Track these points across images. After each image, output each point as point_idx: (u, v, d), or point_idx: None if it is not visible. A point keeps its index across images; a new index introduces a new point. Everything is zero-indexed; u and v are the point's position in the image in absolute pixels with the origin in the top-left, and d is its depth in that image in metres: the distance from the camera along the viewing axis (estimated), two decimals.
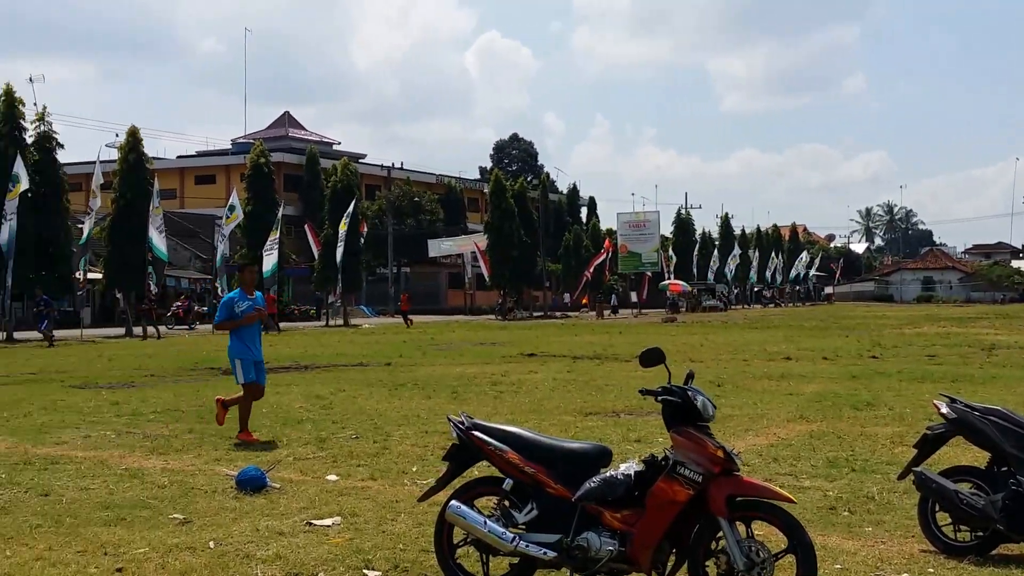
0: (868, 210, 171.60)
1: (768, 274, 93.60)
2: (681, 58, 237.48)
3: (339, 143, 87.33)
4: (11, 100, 36.75)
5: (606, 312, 63.21)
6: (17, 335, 35.25)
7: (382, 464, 9.18)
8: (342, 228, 47.90)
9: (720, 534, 4.96)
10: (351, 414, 12.73)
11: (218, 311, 11.18)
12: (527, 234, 62.75)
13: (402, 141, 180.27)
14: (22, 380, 18.61)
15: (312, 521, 6.94)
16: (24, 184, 33.33)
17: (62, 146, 38.76)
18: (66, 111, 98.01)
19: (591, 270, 67.57)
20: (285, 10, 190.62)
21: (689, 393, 5.09)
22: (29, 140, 37.29)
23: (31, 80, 56.36)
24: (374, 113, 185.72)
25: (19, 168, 33.66)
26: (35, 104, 39.54)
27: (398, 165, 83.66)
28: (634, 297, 72.25)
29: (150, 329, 37.81)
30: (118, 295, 44.48)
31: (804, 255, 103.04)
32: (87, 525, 6.89)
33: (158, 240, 38.84)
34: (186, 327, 43.33)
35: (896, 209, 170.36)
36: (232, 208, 44.66)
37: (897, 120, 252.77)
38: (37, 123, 37.90)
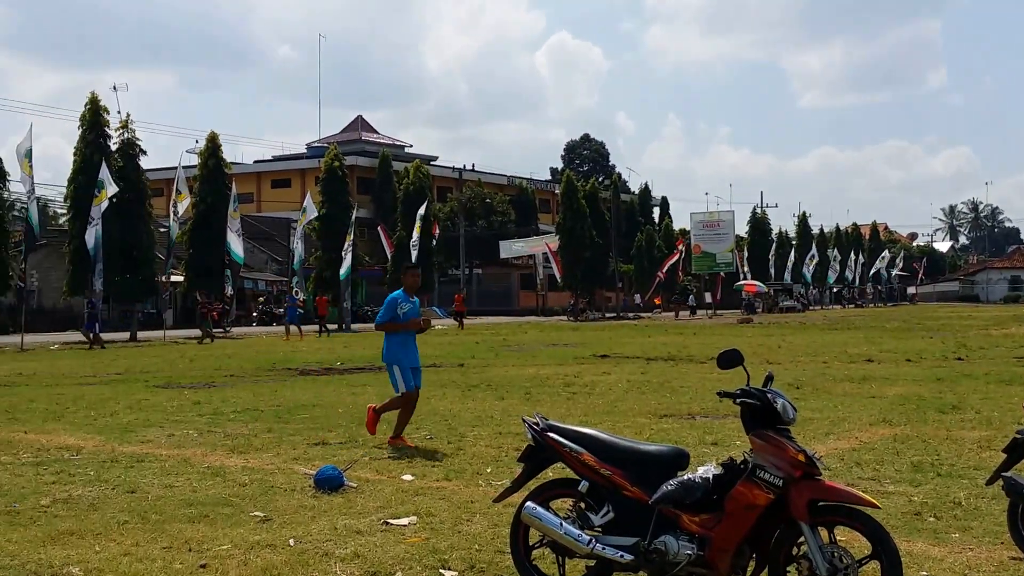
0: (952, 208, 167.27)
1: (848, 274, 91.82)
2: (755, 55, 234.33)
3: (411, 146, 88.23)
4: (96, 108, 37.83)
5: (684, 313, 62.69)
6: (103, 336, 36.21)
7: (457, 465, 9.22)
8: (416, 232, 48.28)
9: (801, 539, 4.86)
10: (425, 415, 12.81)
11: (382, 311, 10.54)
12: (599, 235, 62.56)
13: (473, 143, 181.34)
14: (108, 380, 19.13)
15: (389, 520, 7.00)
16: (111, 190, 34.26)
17: (145, 152, 39.85)
18: (147, 118, 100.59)
19: (664, 271, 67.08)
20: (357, 16, 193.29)
21: (769, 395, 5.00)
22: (113, 147, 38.35)
23: (115, 89, 58.00)
24: (445, 115, 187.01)
25: (104, 174, 34.63)
26: (119, 112, 40.68)
27: (469, 167, 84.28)
28: (708, 298, 71.54)
29: (216, 331, 38.48)
30: (198, 297, 45.52)
31: (885, 254, 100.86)
32: (172, 521, 7.05)
33: (235, 243, 39.68)
34: (221, 331, 41.44)
35: (981, 206, 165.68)
36: (304, 210, 45.41)
37: (981, 115, 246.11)
38: (121, 130, 38.98)
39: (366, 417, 10.53)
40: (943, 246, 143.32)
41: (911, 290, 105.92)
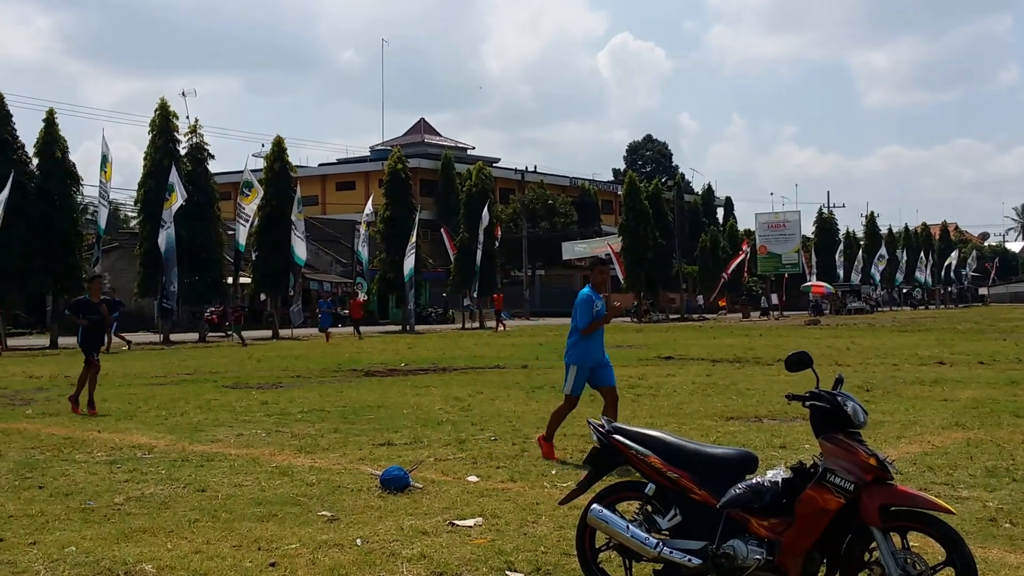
0: None
1: (919, 275, 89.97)
2: (820, 53, 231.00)
3: (473, 148, 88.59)
4: (166, 114, 38.64)
5: (754, 314, 61.94)
6: (173, 337, 36.98)
7: (521, 466, 9.22)
8: (480, 232, 48.47)
9: (873, 545, 4.77)
10: (489, 416, 12.84)
11: (579, 313, 9.74)
12: (662, 236, 62.16)
13: (535, 144, 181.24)
14: (178, 380, 19.51)
15: (454, 521, 7.02)
16: (181, 195, 34.96)
17: (213, 157, 40.60)
18: (214, 123, 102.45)
19: (729, 271, 66.41)
20: (420, 20, 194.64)
21: (839, 398, 4.91)
22: (182, 151, 39.12)
23: (183, 95, 59.08)
24: (507, 117, 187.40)
25: (174, 179, 35.37)
26: (187, 117, 41.60)
27: (531, 168, 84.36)
28: (774, 299, 70.67)
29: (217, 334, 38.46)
30: (261, 298, 46.27)
31: (955, 255, 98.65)
32: (241, 520, 7.15)
33: (298, 246, 40.20)
34: (222, 335, 40.57)
35: None
36: (367, 214, 46.10)
37: None
38: (190, 135, 39.75)
39: (540, 449, 9.73)
40: (1015, 246, 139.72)
41: (983, 291, 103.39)
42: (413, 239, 44.88)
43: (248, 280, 45.14)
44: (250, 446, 10.63)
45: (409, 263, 44.81)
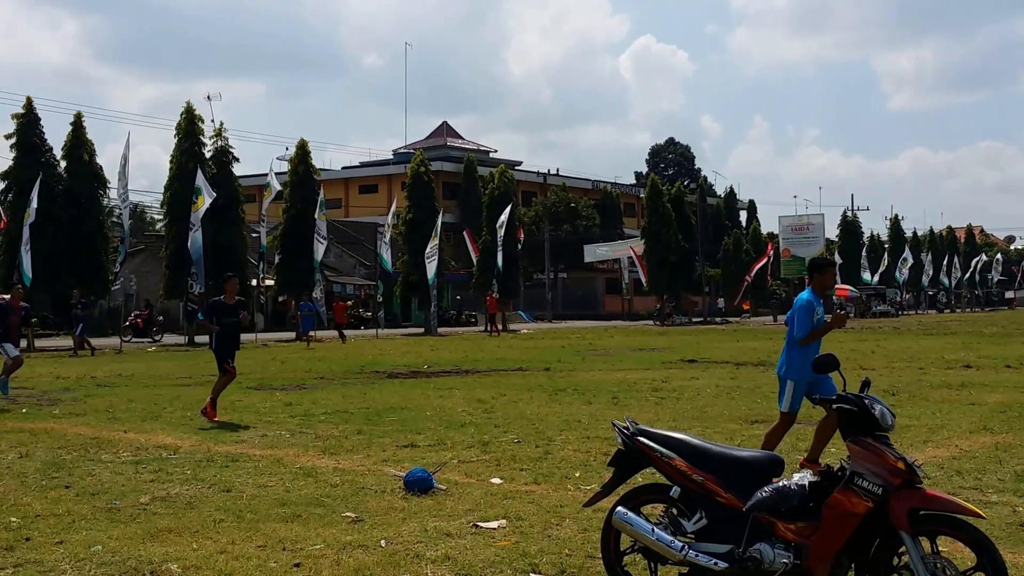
0: None
1: (944, 279, 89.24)
2: (844, 56, 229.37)
3: (495, 151, 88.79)
4: (192, 117, 38.89)
5: (782, 317, 61.60)
6: (197, 339, 37.18)
7: (545, 468, 9.20)
8: (500, 234, 48.44)
9: (902, 549, 4.72)
10: (512, 418, 12.83)
11: (798, 320, 8.68)
12: (685, 239, 61.97)
13: (558, 147, 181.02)
14: (203, 382, 19.60)
15: (478, 523, 7.01)
16: (208, 196, 35.20)
17: (238, 160, 40.83)
18: (238, 126, 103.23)
19: (752, 274, 66.14)
20: (442, 24, 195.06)
21: (866, 401, 4.88)
22: (208, 155, 39.37)
23: (208, 98, 59.64)
24: (529, 120, 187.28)
25: (200, 182, 35.59)
26: (212, 120, 41.91)
27: (554, 171, 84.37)
28: None
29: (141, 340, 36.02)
30: (281, 299, 46.46)
31: (981, 258, 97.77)
32: (266, 521, 7.17)
33: (317, 249, 40.30)
34: (148, 340, 38.10)
35: None
36: (392, 215, 46.23)
37: None
38: (215, 138, 39.99)
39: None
40: None
41: (1009, 294, 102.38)
42: (436, 242, 44.95)
43: (271, 282, 45.35)
44: (274, 447, 10.67)
45: (432, 266, 44.88)
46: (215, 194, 35.35)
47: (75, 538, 6.69)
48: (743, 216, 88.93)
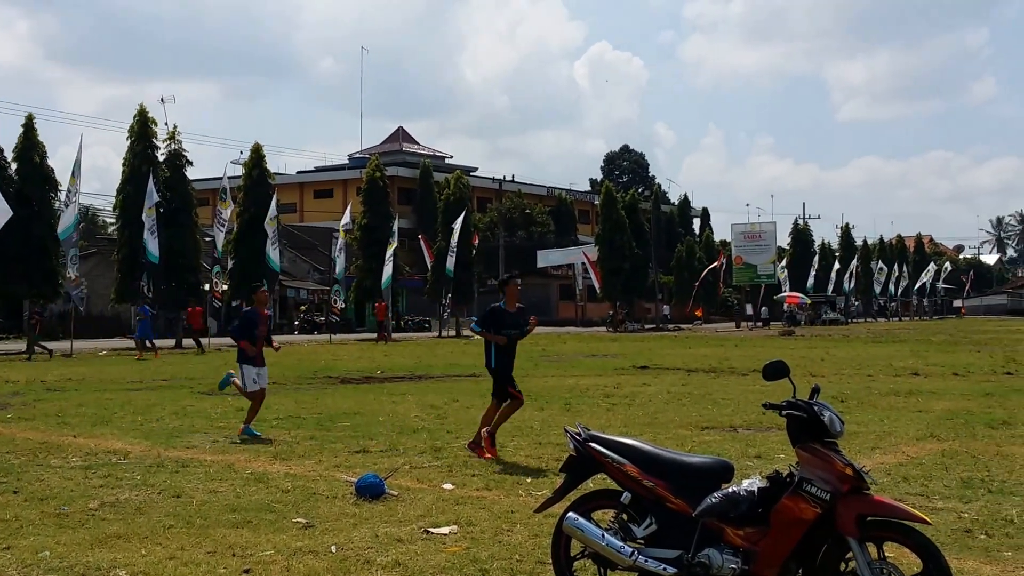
0: (999, 220, 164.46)
1: (891, 287, 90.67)
2: (797, 65, 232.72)
3: (451, 156, 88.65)
4: (145, 120, 38.45)
5: (746, 324, 62.28)
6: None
7: (497, 474, 9.21)
8: (453, 239, 48.29)
9: (850, 555, 4.78)
10: (465, 424, 12.81)
11: None
12: (638, 246, 62.38)
13: (513, 154, 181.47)
14: (154, 386, 19.37)
15: (429, 529, 7.00)
16: (151, 200, 34.79)
17: (191, 163, 40.39)
18: (193, 129, 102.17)
19: (701, 281, 66.77)
20: (399, 29, 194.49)
21: (815, 408, 4.93)
22: (161, 158, 38.91)
23: (162, 101, 59.02)
24: (485, 126, 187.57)
25: (151, 185, 35.20)
26: (166, 123, 41.35)
27: (509, 178, 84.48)
28: (749, 309, 71.03)
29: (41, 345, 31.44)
30: (234, 304, 45.77)
31: (931, 267, 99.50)
32: (216, 526, 7.11)
33: (272, 252, 39.97)
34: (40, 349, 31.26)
35: None
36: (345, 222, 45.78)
37: None
38: (168, 141, 39.54)
39: None
40: (990, 259, 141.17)
41: (958, 303, 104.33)
42: (392, 247, 44.76)
43: (225, 287, 44.87)
44: (225, 452, 10.57)
45: (387, 271, 44.70)
46: (157, 197, 34.94)
47: (23, 543, 6.59)
48: (696, 224, 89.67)
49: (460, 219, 48.66)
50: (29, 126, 35.40)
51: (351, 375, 22.11)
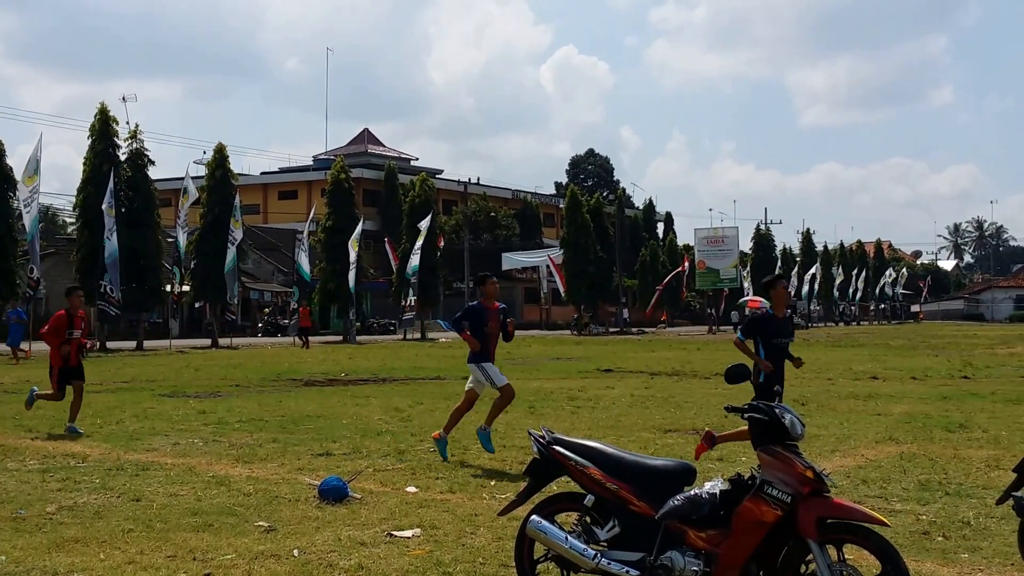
0: (956, 226, 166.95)
1: (850, 291, 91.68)
2: (759, 71, 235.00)
3: (417, 159, 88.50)
4: (106, 119, 37.91)
5: (726, 328, 62.59)
6: (110, 344, 36.28)
7: (460, 477, 9.20)
8: (419, 241, 48.13)
9: (810, 557, 4.83)
10: (429, 427, 12.76)
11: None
12: (603, 249, 62.59)
13: (479, 156, 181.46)
14: (115, 388, 19.15)
15: (393, 532, 6.98)
16: (107, 203, 34.48)
17: (153, 163, 39.92)
18: (155, 129, 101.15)
19: (663, 285, 67.16)
20: (365, 30, 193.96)
21: (776, 410, 4.99)
22: (122, 157, 38.43)
23: (124, 99, 58.41)
24: (451, 129, 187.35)
25: (111, 184, 34.80)
26: (127, 122, 40.84)
27: (475, 180, 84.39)
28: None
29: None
30: (197, 305, 45.40)
31: (889, 272, 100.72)
32: (176, 530, 7.03)
33: (229, 253, 39.65)
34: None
35: (986, 225, 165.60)
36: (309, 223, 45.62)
37: (987, 133, 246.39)
38: (130, 141, 39.06)
39: None
40: (948, 264, 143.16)
41: (915, 308, 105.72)
42: (355, 249, 44.53)
43: (187, 288, 44.45)
44: (187, 455, 10.47)
45: (351, 274, 44.47)
46: (112, 203, 34.56)
47: None
48: (660, 228, 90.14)
49: (427, 220, 48.56)
50: None
51: (315, 377, 21.99)
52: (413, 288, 47.62)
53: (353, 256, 44.18)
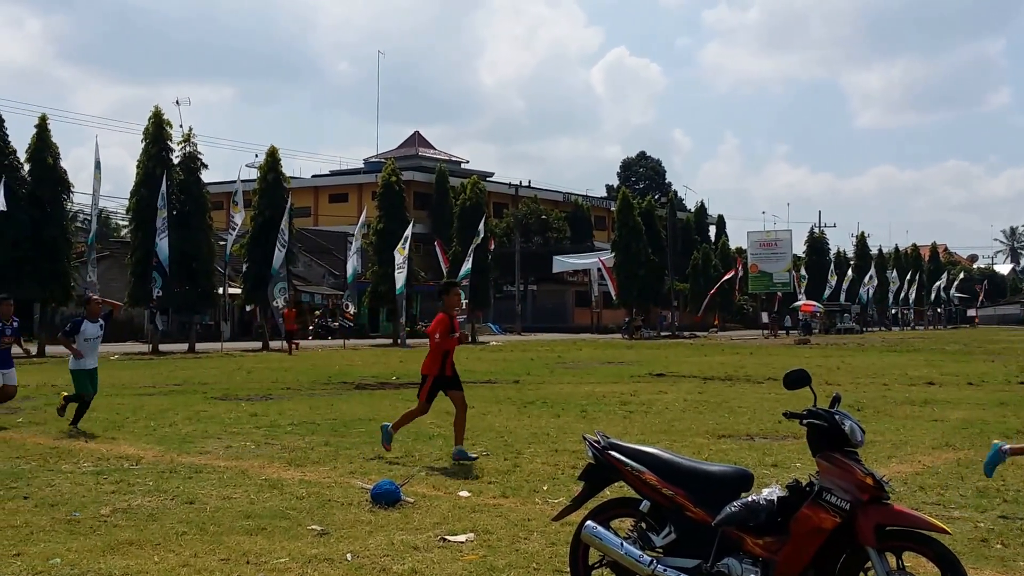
0: (1013, 229, 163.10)
1: (901, 295, 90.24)
2: (813, 73, 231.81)
3: (467, 161, 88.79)
4: (160, 122, 38.56)
5: (781, 333, 62.05)
6: (162, 347, 36.83)
7: (513, 482, 9.16)
8: (473, 245, 48.24)
9: (868, 564, 4.75)
10: (481, 431, 12.78)
11: None
12: (654, 253, 62.27)
13: (529, 159, 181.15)
14: (167, 391, 19.40)
15: (446, 537, 6.96)
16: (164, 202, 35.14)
17: (206, 166, 40.51)
18: (207, 132, 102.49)
19: (716, 290, 66.63)
20: (415, 33, 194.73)
21: (836, 417, 4.90)
22: (175, 160, 39.04)
23: (177, 103, 59.28)
24: (501, 131, 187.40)
25: (164, 187, 35.41)
26: (181, 126, 41.44)
27: (525, 183, 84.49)
28: (765, 318, 70.78)
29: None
30: (247, 308, 45.90)
31: (945, 276, 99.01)
32: (230, 533, 7.08)
33: (276, 255, 39.94)
34: None
35: None
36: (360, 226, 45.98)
37: None
38: (183, 144, 39.67)
39: None
40: (1004, 268, 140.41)
41: (971, 312, 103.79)
42: (403, 252, 44.77)
43: (238, 291, 45.01)
44: (239, 458, 10.55)
45: (401, 277, 44.72)
46: (163, 205, 35.19)
47: (33, 550, 6.57)
48: (712, 231, 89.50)
49: (482, 224, 48.68)
50: (43, 127, 35.55)
51: (366, 380, 22.10)
52: (464, 291, 47.71)
53: (400, 259, 44.38)
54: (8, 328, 14.00)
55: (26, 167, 35.14)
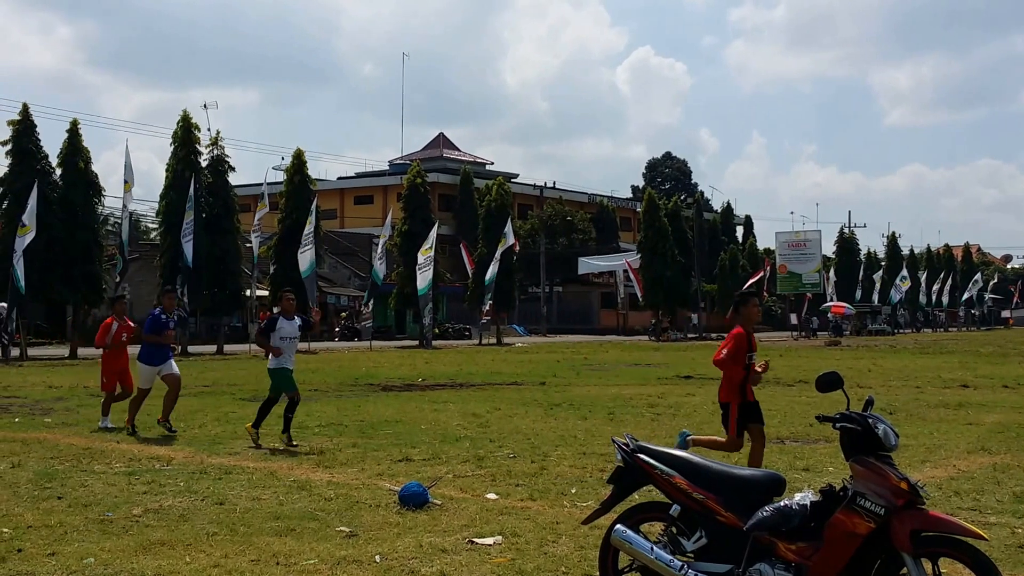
0: None
1: (942, 297, 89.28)
2: (841, 71, 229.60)
3: (492, 163, 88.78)
4: (188, 126, 38.87)
5: (823, 334, 61.60)
6: (191, 348, 37.07)
7: (541, 484, 9.13)
8: (502, 245, 48.22)
9: (904, 570, 4.68)
10: (507, 433, 12.76)
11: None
12: (681, 254, 61.97)
13: (554, 160, 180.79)
14: (196, 392, 19.52)
15: (474, 539, 6.95)
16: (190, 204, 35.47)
17: (234, 169, 40.80)
18: (233, 135, 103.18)
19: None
20: (440, 34, 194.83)
21: (870, 420, 4.84)
22: (203, 163, 39.34)
23: (205, 107, 59.70)
24: (526, 132, 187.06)
25: (191, 190, 35.68)
26: (208, 129, 41.82)
27: (550, 184, 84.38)
28: (793, 319, 70.28)
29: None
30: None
31: (978, 277, 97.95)
32: (259, 534, 7.10)
33: (303, 257, 40.00)
34: None
35: None
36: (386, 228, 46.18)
37: None
38: (211, 147, 39.96)
39: None
40: None
41: (1005, 314, 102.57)
42: (428, 253, 44.83)
43: (266, 292, 45.23)
44: (268, 460, 10.60)
45: (426, 278, 44.79)
46: (190, 207, 35.48)
47: (67, 550, 6.62)
48: (740, 232, 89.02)
49: (508, 225, 48.68)
50: (74, 132, 35.91)
51: (392, 382, 22.15)
52: (490, 292, 47.80)
53: (422, 260, 44.44)
54: (171, 321, 13.78)
55: (58, 171, 35.53)
